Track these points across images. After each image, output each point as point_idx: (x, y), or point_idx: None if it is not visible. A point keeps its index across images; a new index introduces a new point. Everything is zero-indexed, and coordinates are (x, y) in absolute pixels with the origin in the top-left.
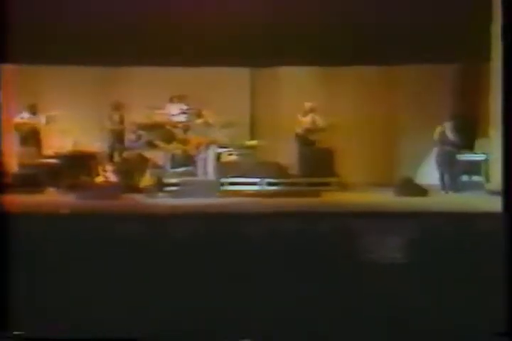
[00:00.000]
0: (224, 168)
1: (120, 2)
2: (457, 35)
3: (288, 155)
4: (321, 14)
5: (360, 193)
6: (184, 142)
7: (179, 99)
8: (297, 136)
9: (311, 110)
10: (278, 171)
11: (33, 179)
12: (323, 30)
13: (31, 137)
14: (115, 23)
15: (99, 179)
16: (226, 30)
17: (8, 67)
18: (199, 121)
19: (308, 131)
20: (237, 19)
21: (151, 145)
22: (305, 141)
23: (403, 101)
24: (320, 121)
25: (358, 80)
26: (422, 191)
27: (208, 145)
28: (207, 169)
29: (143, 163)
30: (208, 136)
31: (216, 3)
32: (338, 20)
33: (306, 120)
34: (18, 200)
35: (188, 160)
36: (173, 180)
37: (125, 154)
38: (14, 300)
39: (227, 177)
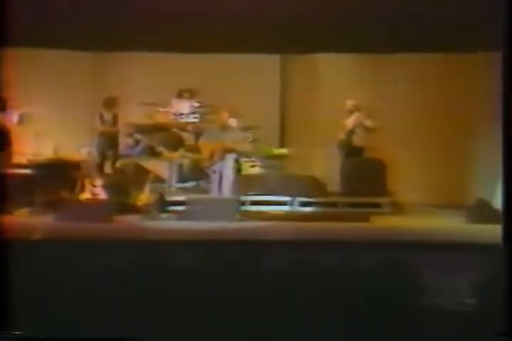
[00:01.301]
0: (245, 183)
1: None
2: None
3: (327, 167)
4: None
5: (420, 218)
6: (194, 149)
7: (189, 93)
8: (338, 142)
9: (356, 109)
10: (314, 188)
11: None
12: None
13: None
14: None
15: (85, 195)
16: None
17: None
18: (214, 122)
19: (353, 136)
20: None
21: (151, 152)
22: (348, 149)
23: (475, 96)
24: (367, 124)
25: (415, 71)
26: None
27: (224, 154)
28: (223, 184)
29: (141, 175)
30: (226, 142)
31: None
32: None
33: (350, 122)
34: None
35: (198, 173)
36: (180, 198)
37: (119, 164)
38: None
39: (248, 195)
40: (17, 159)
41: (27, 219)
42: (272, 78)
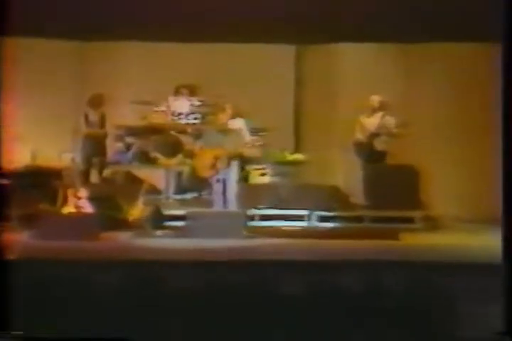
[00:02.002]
0: (253, 195)
1: None
2: None
3: (350, 175)
4: None
5: (458, 234)
6: (195, 155)
7: (189, 90)
8: (360, 146)
9: (381, 107)
10: (335, 200)
11: None
12: None
13: None
14: None
15: (68, 209)
16: None
17: None
18: (218, 123)
19: (377, 138)
20: None
21: (145, 159)
22: (373, 153)
23: None
24: (394, 124)
25: (449, 63)
26: None
27: (230, 160)
28: (228, 195)
29: (133, 185)
30: (231, 146)
31: None
32: None
33: (374, 122)
34: None
35: (200, 183)
36: (178, 212)
37: (107, 172)
38: None
39: (257, 209)
40: None
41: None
42: (285, 72)
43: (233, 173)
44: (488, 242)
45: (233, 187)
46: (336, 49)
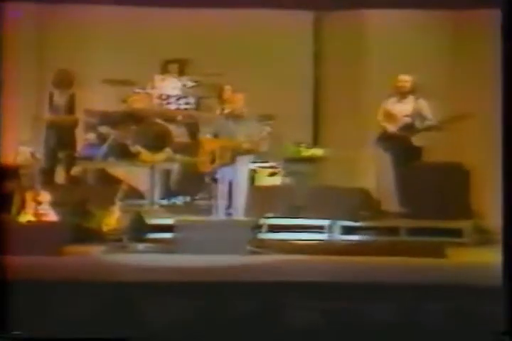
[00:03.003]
0: (261, 199)
1: None
2: None
3: (381, 175)
4: None
5: None
6: (188, 149)
7: (180, 66)
8: (391, 139)
9: (413, 90)
10: (362, 206)
11: None
12: None
13: None
14: None
15: (26, 217)
16: None
17: None
18: (216, 109)
19: (411, 129)
20: None
21: (124, 153)
22: (408, 148)
23: None
24: (432, 112)
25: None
26: None
27: (233, 156)
28: (231, 200)
29: (109, 187)
30: (234, 138)
31: None
32: None
33: (405, 109)
34: None
35: (193, 184)
36: (166, 221)
37: (76, 170)
38: None
39: (266, 217)
40: None
41: None
42: (300, 45)
43: (239, 172)
44: None
45: (242, 190)
46: (361, 16)
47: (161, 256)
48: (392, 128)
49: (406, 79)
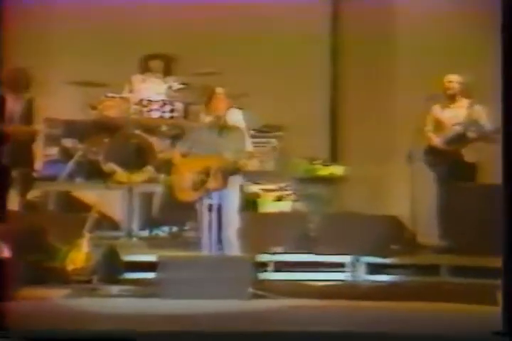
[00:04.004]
0: (266, 230)
1: None
2: None
3: (417, 199)
4: None
5: None
6: (174, 167)
7: (163, 64)
8: (435, 154)
9: (465, 93)
10: (393, 239)
11: None
12: None
13: None
14: None
15: None
16: None
17: None
18: (207, 116)
19: (462, 141)
20: None
21: (95, 172)
22: (456, 166)
23: None
24: (488, 120)
25: None
26: None
27: (226, 176)
28: (225, 232)
29: (75, 214)
30: (228, 154)
31: None
32: None
33: (456, 116)
34: None
35: (180, 211)
36: (146, 257)
37: (34, 193)
38: None
39: (272, 253)
40: None
41: None
42: (314, 38)
43: (233, 196)
44: None
45: (233, 219)
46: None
47: (139, 302)
48: (437, 139)
49: (453, 80)
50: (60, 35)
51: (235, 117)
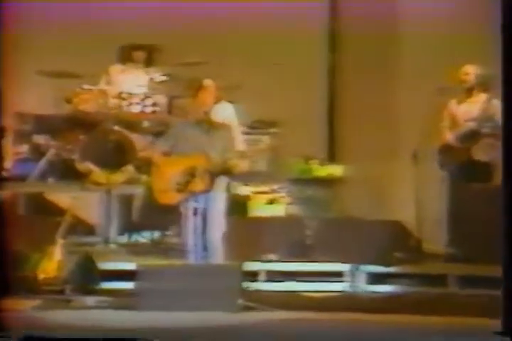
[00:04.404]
0: (257, 236)
1: None
2: None
3: (423, 202)
4: None
5: None
6: (155, 166)
7: (146, 54)
8: (446, 151)
9: (483, 86)
10: (396, 245)
11: None
12: None
13: None
14: None
15: None
16: None
17: None
18: (194, 112)
19: (471, 140)
20: None
21: (69, 172)
22: (469, 166)
23: None
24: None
25: None
26: None
27: (213, 177)
28: (210, 237)
29: (47, 218)
30: (215, 153)
31: None
32: None
33: (470, 111)
34: None
35: (162, 215)
36: (124, 266)
37: (2, 194)
38: None
39: (263, 261)
40: None
41: None
42: (310, 27)
43: (219, 199)
44: None
45: (219, 223)
46: None
47: (117, 314)
48: (449, 136)
49: (470, 72)
50: (32, 21)
51: (225, 112)
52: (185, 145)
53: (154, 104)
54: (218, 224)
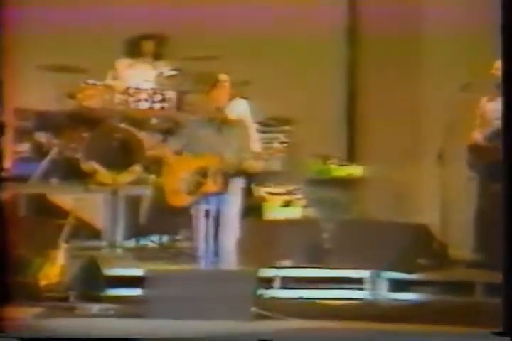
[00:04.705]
0: (271, 241)
1: None
2: None
3: (450, 205)
4: None
5: None
6: (165, 167)
7: (154, 46)
8: (474, 151)
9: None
10: (419, 250)
11: None
12: None
13: None
14: None
15: None
16: None
17: None
18: (206, 110)
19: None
20: None
21: (73, 172)
22: (494, 165)
23: None
24: None
25: None
26: None
27: (226, 178)
28: (222, 242)
29: (50, 221)
30: (229, 153)
31: None
32: None
33: (499, 109)
34: None
35: (174, 218)
36: (132, 272)
37: (2, 195)
38: None
39: (278, 267)
40: None
41: None
42: (330, 18)
43: (234, 201)
44: None
45: (233, 227)
46: None
47: (124, 322)
48: (478, 135)
49: (498, 67)
50: (33, 13)
51: (239, 109)
52: (198, 144)
53: (163, 100)
54: (232, 228)
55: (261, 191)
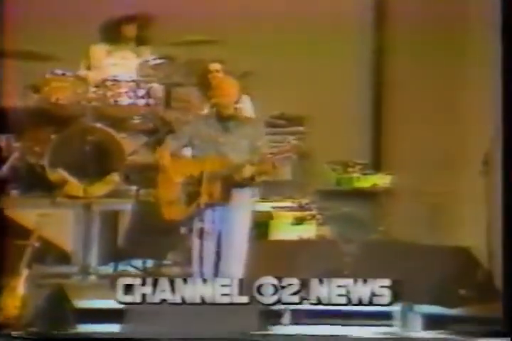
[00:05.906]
0: (283, 264)
1: None
2: None
3: (491, 222)
4: None
5: None
6: (152, 175)
7: (138, 28)
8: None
9: None
10: (459, 279)
11: None
12: None
13: None
14: None
15: None
16: None
17: None
18: (201, 106)
19: None
20: None
21: (37, 181)
22: None
23: None
24: None
25: None
26: None
27: (228, 188)
28: (224, 267)
29: (9, 242)
30: (230, 156)
31: None
32: None
33: None
34: None
35: (161, 237)
36: (108, 303)
37: None
38: None
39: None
40: None
41: None
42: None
43: (239, 217)
44: None
45: (239, 250)
46: None
47: None
48: None
49: None
50: None
51: (249, 107)
52: (200, 145)
53: (148, 95)
54: (236, 251)
55: (267, 205)
